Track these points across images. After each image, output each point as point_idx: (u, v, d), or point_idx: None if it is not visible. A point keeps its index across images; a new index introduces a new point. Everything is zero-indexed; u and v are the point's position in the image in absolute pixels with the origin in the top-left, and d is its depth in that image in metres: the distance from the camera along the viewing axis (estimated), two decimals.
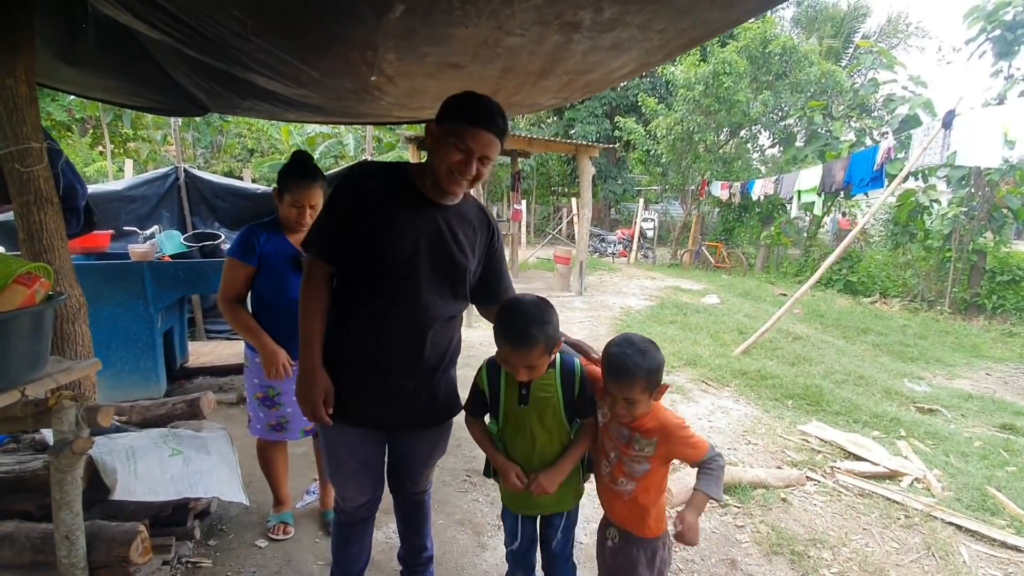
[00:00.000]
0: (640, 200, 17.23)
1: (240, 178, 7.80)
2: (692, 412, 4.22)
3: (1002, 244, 10.50)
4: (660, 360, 1.51)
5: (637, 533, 1.64)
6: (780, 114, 15.37)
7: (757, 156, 17.76)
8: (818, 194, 9.78)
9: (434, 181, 1.54)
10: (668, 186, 17.02)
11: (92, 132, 12.96)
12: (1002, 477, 3.45)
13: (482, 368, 1.69)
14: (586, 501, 1.83)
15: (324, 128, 14.46)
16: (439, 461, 1.93)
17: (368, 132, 6.11)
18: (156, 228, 4.43)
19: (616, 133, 16.70)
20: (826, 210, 13.36)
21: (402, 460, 1.83)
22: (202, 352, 4.65)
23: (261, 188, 5.63)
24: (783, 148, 15.70)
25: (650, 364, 1.48)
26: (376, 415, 1.67)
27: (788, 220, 13.82)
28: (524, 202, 13.30)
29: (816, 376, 5.38)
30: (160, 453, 2.09)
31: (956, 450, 3.85)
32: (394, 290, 1.57)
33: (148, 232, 4.32)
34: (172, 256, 3.92)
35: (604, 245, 16.08)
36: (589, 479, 1.83)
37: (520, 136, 9.65)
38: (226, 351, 4.69)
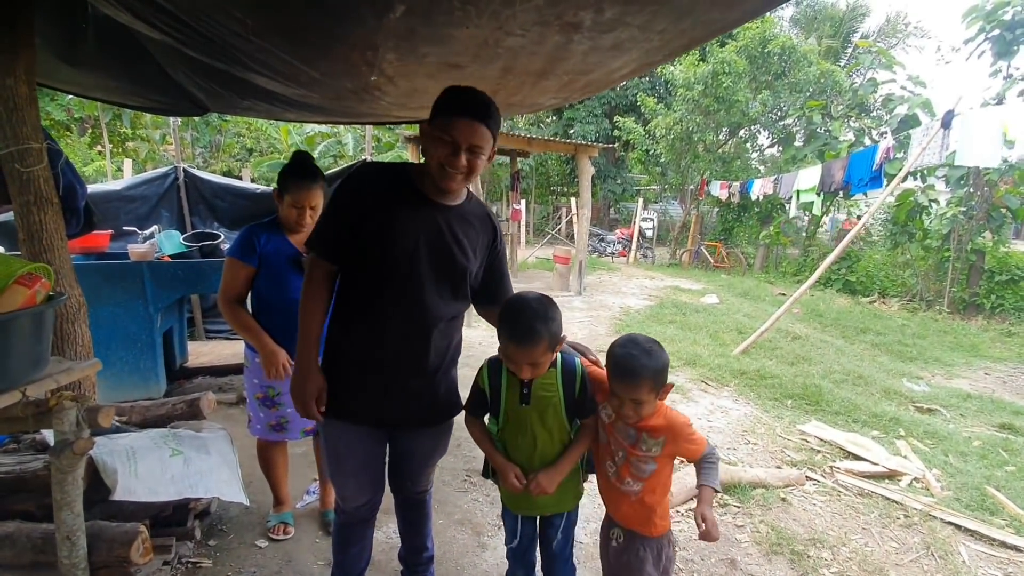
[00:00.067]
0: (639, 200, 17.23)
1: (239, 178, 7.79)
2: (691, 412, 4.23)
3: (1001, 244, 10.52)
4: (666, 360, 1.52)
5: (643, 532, 1.64)
6: (779, 114, 15.39)
7: (756, 156, 17.79)
8: (817, 194, 9.78)
9: (431, 180, 1.55)
10: (667, 186, 17.05)
11: (91, 132, 12.94)
12: (1001, 477, 3.46)
13: (483, 368, 1.69)
14: (585, 501, 1.83)
15: (323, 128, 14.44)
16: (439, 461, 1.93)
17: (367, 132, 6.10)
18: (155, 228, 4.42)
19: (615, 133, 16.70)
20: (825, 210, 13.38)
21: (403, 459, 1.83)
22: (201, 352, 4.65)
23: (260, 188, 5.62)
24: (782, 148, 15.71)
25: (656, 364, 1.48)
26: (376, 414, 1.67)
27: (787, 220, 13.83)
28: (523, 202, 13.31)
29: (815, 376, 5.39)
30: (160, 453, 2.09)
31: (955, 450, 3.86)
32: (394, 290, 1.57)
33: (147, 232, 4.31)
34: (171, 256, 3.92)
35: (603, 245, 16.09)
36: (588, 479, 1.83)
37: (519, 136, 9.65)
38: (225, 351, 4.69)
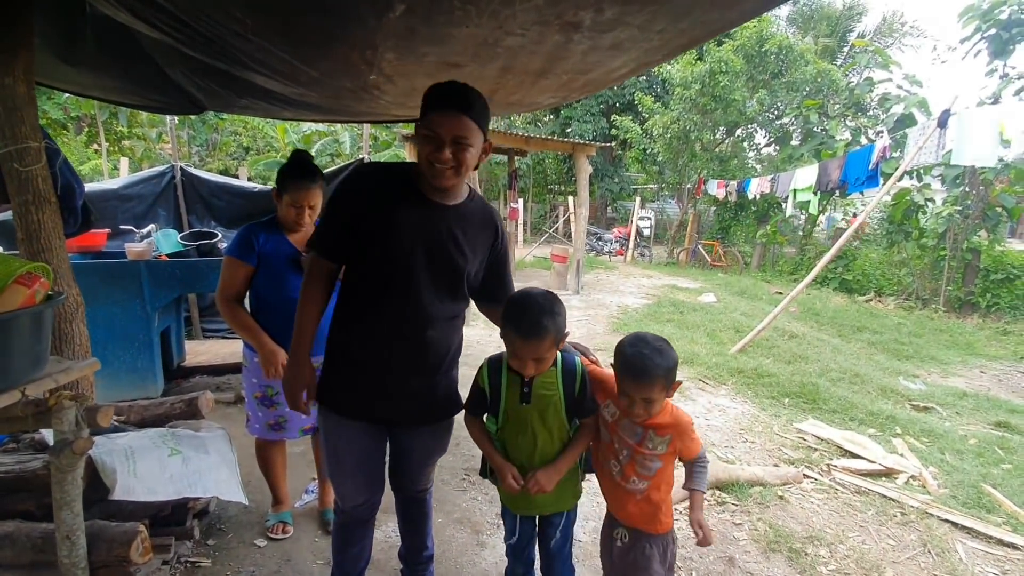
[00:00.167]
0: (636, 198, 17.26)
1: (236, 176, 7.78)
2: (689, 410, 4.24)
3: (996, 243, 10.57)
4: (676, 358, 1.53)
5: (648, 530, 1.64)
6: (776, 113, 15.42)
7: (753, 155, 17.82)
8: (814, 193, 9.82)
9: (427, 179, 1.55)
10: (664, 185, 17.07)
11: (87, 130, 12.88)
12: (997, 475, 3.48)
13: (483, 367, 1.69)
14: (584, 499, 1.84)
15: (320, 126, 14.43)
16: (439, 460, 1.93)
17: (365, 130, 6.09)
18: (152, 227, 4.40)
19: (613, 132, 16.72)
20: (821, 209, 13.41)
21: (402, 457, 1.84)
22: (199, 351, 4.64)
23: (258, 187, 5.61)
24: (779, 147, 15.75)
25: (668, 363, 1.49)
26: (374, 411, 1.68)
27: (784, 219, 13.86)
28: (521, 200, 13.31)
29: (812, 374, 5.41)
30: (159, 453, 2.09)
31: (951, 448, 3.88)
32: (392, 290, 1.58)
33: (145, 231, 4.29)
34: (169, 255, 3.92)
35: (601, 244, 16.10)
36: (586, 478, 1.83)
37: (517, 134, 9.65)
38: (223, 350, 4.68)
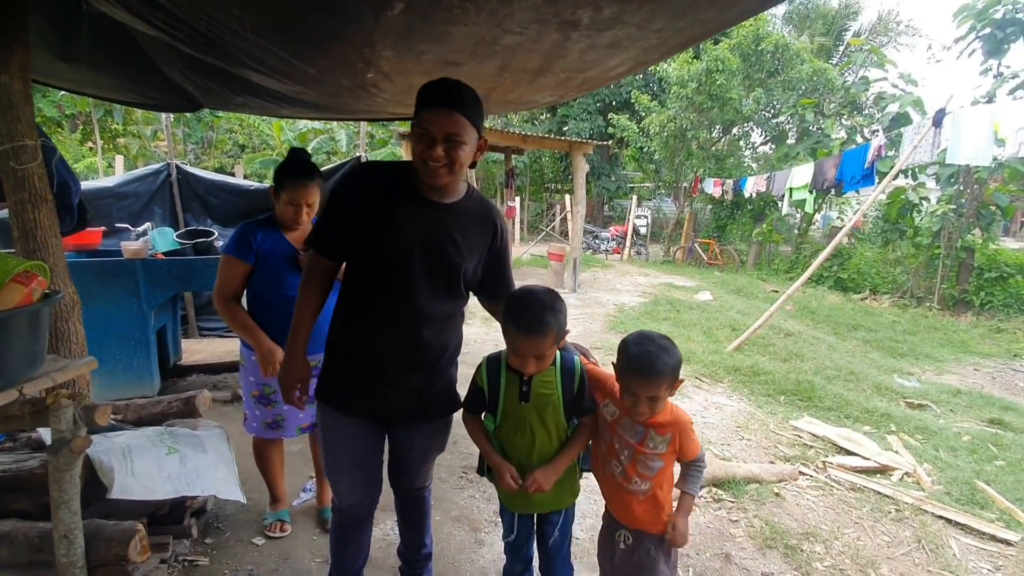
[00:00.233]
0: (633, 197, 17.27)
1: (232, 174, 7.74)
2: (686, 408, 4.20)
3: (990, 241, 10.61)
4: (680, 356, 1.54)
5: (652, 531, 1.63)
6: (772, 112, 15.47)
7: (749, 153, 17.87)
8: (809, 191, 9.84)
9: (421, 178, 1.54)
10: (661, 183, 17.11)
11: (82, 128, 12.83)
12: (991, 471, 3.51)
13: (481, 365, 1.69)
14: (581, 497, 1.84)
15: (316, 124, 14.39)
16: (437, 458, 1.93)
17: (362, 128, 6.09)
18: (148, 225, 4.37)
19: (609, 130, 16.73)
20: (817, 207, 13.47)
21: (400, 455, 1.84)
22: (195, 350, 4.63)
23: (254, 185, 5.59)
24: (775, 145, 15.80)
25: (674, 361, 1.50)
26: (371, 408, 1.68)
27: (780, 217, 13.91)
28: (517, 199, 13.31)
29: (808, 372, 5.44)
30: (157, 451, 2.08)
31: (945, 445, 3.91)
32: (389, 288, 1.58)
33: (140, 229, 4.27)
34: (165, 253, 3.90)
35: (597, 242, 16.12)
36: (583, 476, 1.83)
37: (514, 133, 9.66)
38: (219, 349, 4.67)
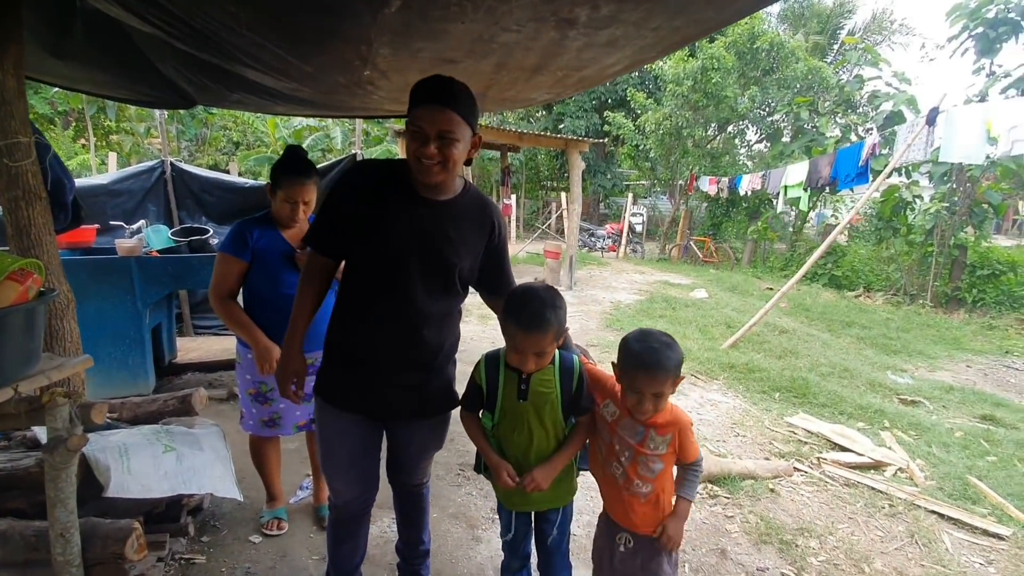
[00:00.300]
0: (629, 195, 17.28)
1: (226, 171, 7.71)
2: (682, 405, 4.22)
3: (982, 239, 10.67)
4: (682, 352, 1.55)
5: (654, 533, 1.61)
6: (767, 110, 15.50)
7: (744, 151, 17.90)
8: (804, 189, 9.89)
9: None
10: (657, 181, 17.13)
11: (75, 125, 12.74)
12: (983, 467, 3.54)
13: (480, 362, 1.69)
14: (577, 493, 1.85)
15: (311, 121, 14.33)
16: (434, 455, 1.94)
17: (357, 126, 6.06)
18: (143, 223, 4.35)
19: (605, 128, 16.71)
20: (812, 205, 13.51)
21: (398, 451, 1.84)
22: (190, 348, 4.61)
23: (249, 182, 5.57)
24: (770, 144, 15.83)
25: (677, 357, 1.52)
26: (368, 405, 1.68)
27: (774, 215, 13.95)
28: (514, 197, 13.30)
29: (802, 369, 5.47)
30: (153, 450, 2.08)
31: (938, 440, 3.94)
32: (384, 286, 1.58)
33: (135, 227, 4.25)
34: (160, 251, 3.88)
35: (593, 240, 16.14)
36: (579, 474, 1.84)
37: (510, 130, 9.65)
38: (215, 347, 4.65)
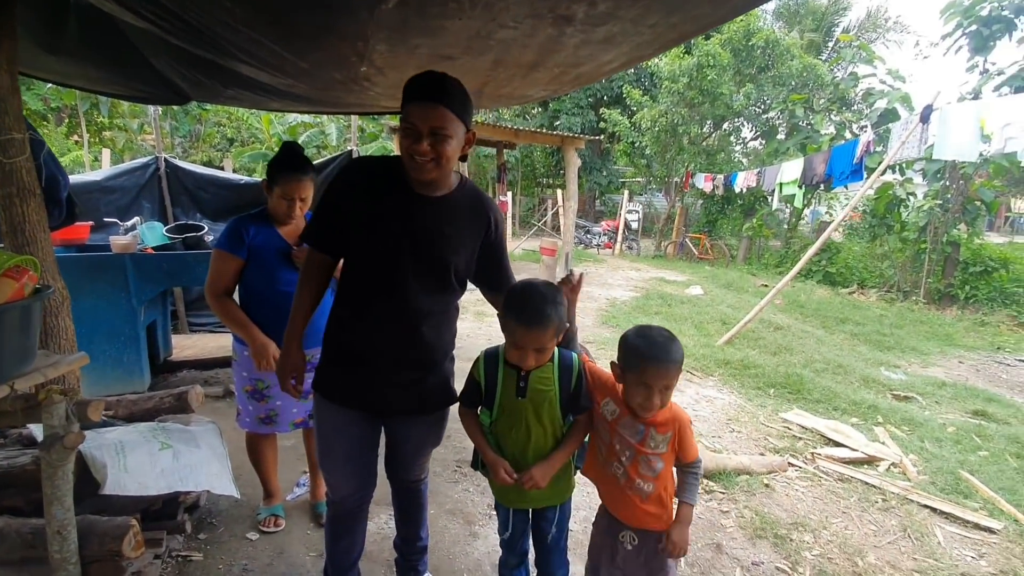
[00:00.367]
0: (625, 192, 17.31)
1: (221, 168, 7.68)
2: (678, 402, 4.27)
3: (975, 236, 10.74)
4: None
5: (658, 528, 1.62)
6: (762, 107, 15.54)
7: (740, 149, 17.96)
8: (799, 187, 9.90)
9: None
10: (652, 178, 17.14)
11: (68, 121, 12.63)
12: (975, 461, 3.58)
13: (479, 359, 1.68)
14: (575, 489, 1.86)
15: (306, 117, 14.24)
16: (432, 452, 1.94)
17: (353, 122, 6.04)
18: (137, 219, 4.33)
19: (601, 125, 16.72)
20: (806, 202, 13.57)
21: (396, 447, 1.85)
22: (185, 345, 4.59)
23: (244, 179, 5.55)
24: (765, 141, 15.88)
25: (682, 349, 1.53)
26: (365, 401, 1.69)
27: (769, 212, 14.00)
28: (509, 194, 13.29)
29: (797, 365, 5.50)
30: (149, 447, 2.07)
31: (931, 436, 3.97)
32: (379, 283, 1.58)
33: (129, 223, 4.22)
34: (155, 248, 3.87)
35: (589, 237, 16.16)
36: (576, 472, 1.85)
37: (506, 127, 9.63)
38: (210, 344, 4.64)
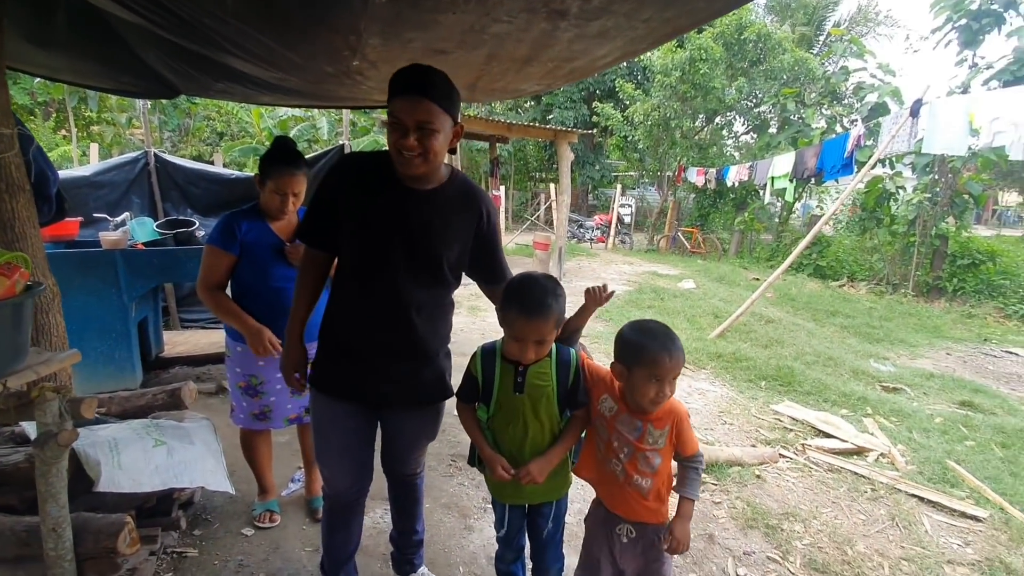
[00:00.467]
0: (617, 186, 17.31)
1: (211, 162, 7.61)
2: None
3: (963, 229, 10.86)
4: None
5: (656, 522, 1.63)
6: (754, 101, 15.58)
7: (732, 143, 18.02)
8: (790, 180, 9.96)
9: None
10: (645, 172, 17.18)
11: (55, 116, 12.45)
12: (961, 451, 3.64)
13: (476, 354, 1.68)
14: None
15: (297, 111, 14.11)
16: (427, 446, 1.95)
17: (344, 116, 6.01)
18: (127, 215, 4.28)
19: (594, 119, 16.70)
20: (797, 196, 13.64)
21: (391, 441, 1.86)
22: (177, 342, 4.57)
23: (235, 173, 5.51)
24: (757, 135, 15.94)
25: (680, 342, 1.55)
26: (360, 394, 1.69)
27: (761, 206, 14.07)
28: (502, 188, 13.25)
29: (788, 358, 5.56)
30: (143, 444, 2.06)
31: (919, 426, 4.03)
32: (372, 277, 1.58)
33: (119, 219, 4.18)
34: (145, 244, 3.83)
35: (582, 231, 16.17)
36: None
37: (498, 121, 9.59)
38: (202, 340, 4.61)
